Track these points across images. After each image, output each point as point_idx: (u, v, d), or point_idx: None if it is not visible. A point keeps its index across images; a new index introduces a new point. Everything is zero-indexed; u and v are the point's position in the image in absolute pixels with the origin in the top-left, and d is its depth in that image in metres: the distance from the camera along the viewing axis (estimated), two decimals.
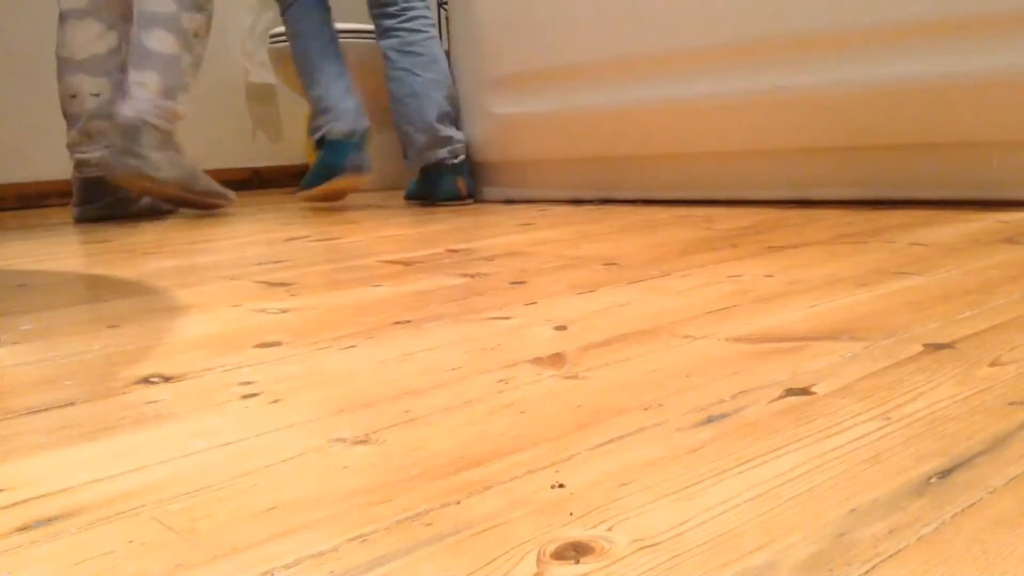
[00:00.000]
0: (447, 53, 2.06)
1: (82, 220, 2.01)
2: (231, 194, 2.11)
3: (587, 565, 0.33)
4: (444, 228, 1.56)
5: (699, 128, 1.73)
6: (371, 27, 2.78)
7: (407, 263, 1.13)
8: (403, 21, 1.96)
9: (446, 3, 2.52)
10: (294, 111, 3.33)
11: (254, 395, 0.57)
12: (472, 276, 1.00)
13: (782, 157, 1.65)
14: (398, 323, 0.77)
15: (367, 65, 2.78)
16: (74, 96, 1.92)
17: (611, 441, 0.46)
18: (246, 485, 0.42)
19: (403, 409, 0.53)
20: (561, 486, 0.40)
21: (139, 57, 1.86)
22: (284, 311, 0.85)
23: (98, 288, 1.06)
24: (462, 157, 2.00)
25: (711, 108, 1.70)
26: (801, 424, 0.47)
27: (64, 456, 0.48)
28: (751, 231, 1.28)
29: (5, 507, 0.41)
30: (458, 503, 0.39)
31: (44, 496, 0.42)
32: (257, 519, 0.39)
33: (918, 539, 0.34)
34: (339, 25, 2.73)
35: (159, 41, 1.87)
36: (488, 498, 0.40)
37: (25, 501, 0.42)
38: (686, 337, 0.67)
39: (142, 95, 1.85)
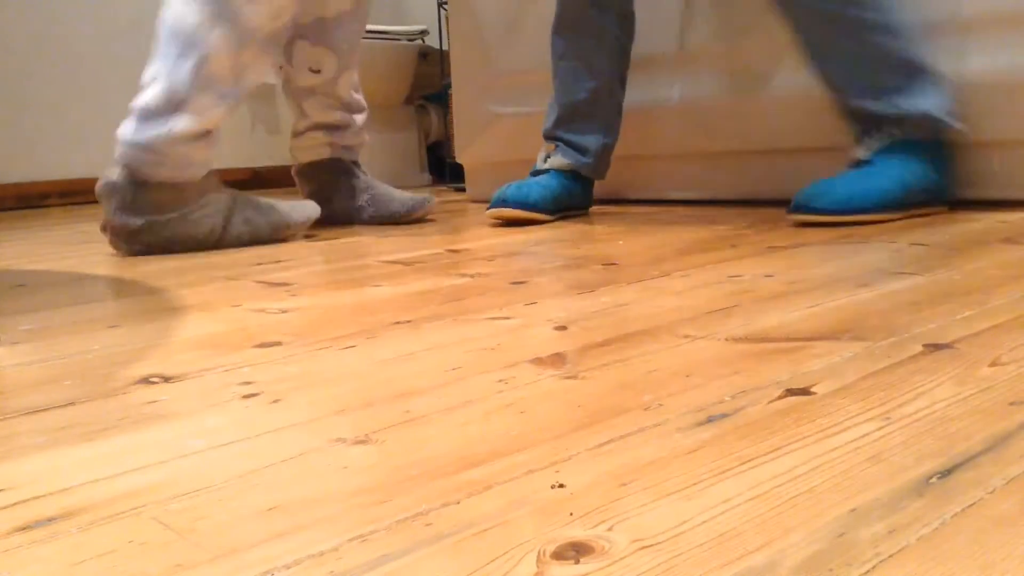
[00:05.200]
0: (447, 53, 2.02)
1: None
2: None
3: (587, 565, 0.33)
4: (444, 228, 1.56)
5: (699, 128, 1.73)
6: (371, 27, 2.78)
7: (407, 263, 1.13)
8: None
9: (446, 3, 2.53)
10: None
11: (254, 395, 0.57)
12: (472, 276, 1.00)
13: (782, 157, 1.65)
14: (398, 323, 0.77)
15: (366, 65, 2.78)
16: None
17: (611, 441, 0.46)
18: (246, 485, 0.42)
19: (403, 409, 0.53)
20: (561, 486, 0.40)
21: None
22: (284, 311, 0.85)
23: (98, 288, 1.06)
24: None
25: (711, 108, 1.70)
26: (801, 424, 0.47)
27: (64, 456, 0.48)
28: (751, 231, 1.28)
29: (5, 507, 0.41)
30: (458, 503, 0.39)
31: (44, 496, 0.42)
32: (257, 519, 0.39)
33: (918, 539, 0.34)
34: None
35: None
36: (488, 498, 0.40)
37: (25, 501, 0.42)
38: (686, 337, 0.67)
39: None
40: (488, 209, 1.56)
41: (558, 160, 1.62)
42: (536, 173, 1.63)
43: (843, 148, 1.56)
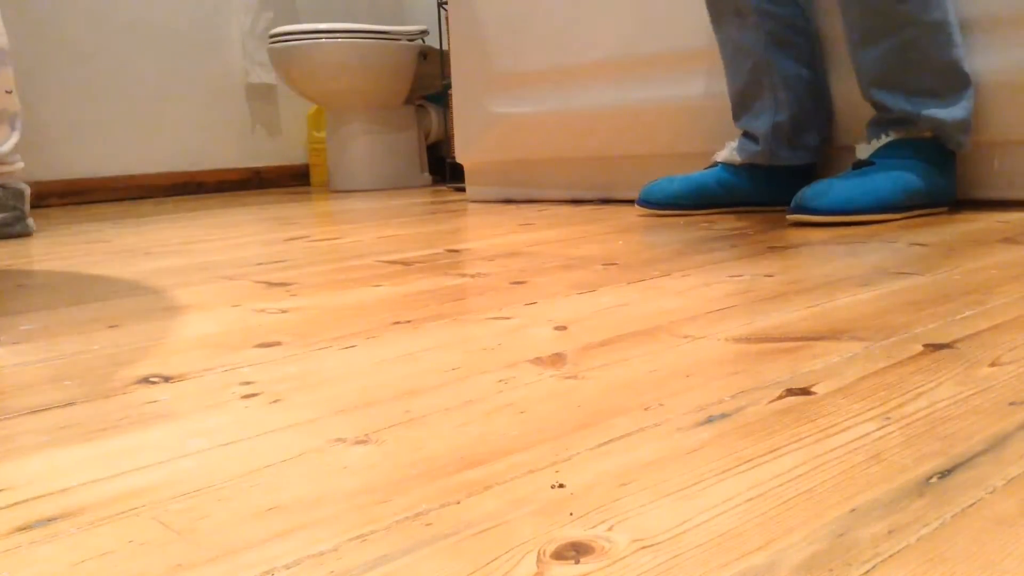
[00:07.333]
0: (447, 53, 2.02)
1: None
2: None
3: (587, 565, 0.33)
4: (444, 228, 1.56)
5: (699, 128, 1.73)
6: (371, 27, 2.79)
7: (407, 263, 1.13)
8: None
9: (446, 3, 2.53)
10: (294, 111, 3.34)
11: (254, 395, 0.57)
12: (472, 276, 1.00)
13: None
14: (398, 323, 0.77)
15: (367, 65, 2.78)
16: None
17: (611, 441, 0.46)
18: (246, 485, 0.42)
19: (403, 409, 0.53)
20: (561, 486, 0.40)
21: None
22: (284, 311, 0.85)
23: (98, 288, 1.06)
24: None
25: (711, 108, 1.70)
26: (801, 424, 0.47)
27: (64, 456, 0.48)
28: (751, 231, 1.28)
29: (5, 507, 0.41)
30: (458, 503, 0.39)
31: (44, 496, 0.42)
32: (257, 519, 0.39)
33: (918, 539, 0.34)
34: (339, 25, 2.73)
35: None
36: (488, 498, 0.40)
37: (25, 501, 0.42)
38: (686, 337, 0.67)
39: None
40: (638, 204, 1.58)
41: (724, 153, 1.55)
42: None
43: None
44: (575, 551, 0.34)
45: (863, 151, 1.37)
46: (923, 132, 1.33)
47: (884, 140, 1.34)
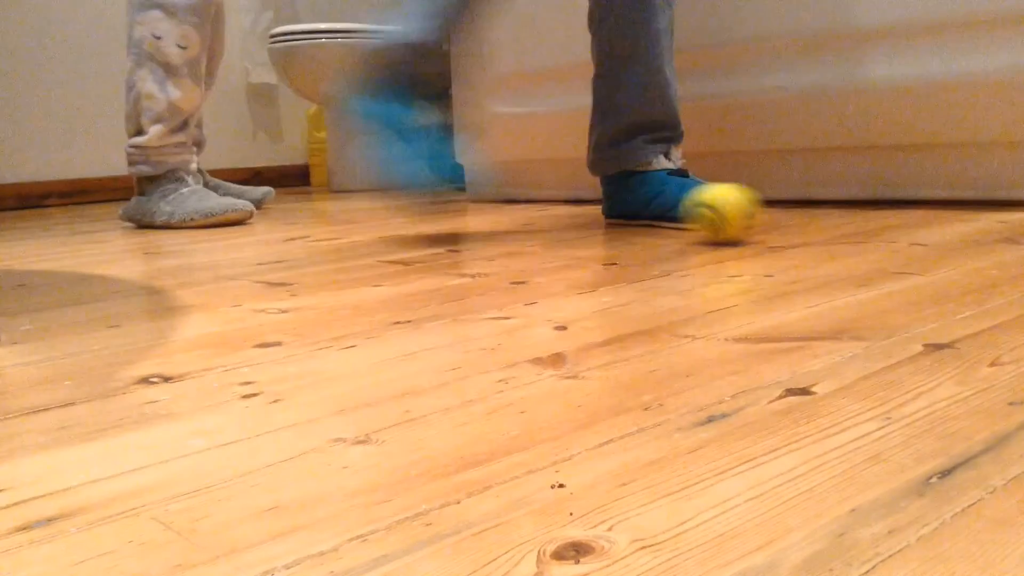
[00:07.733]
0: (447, 53, 2.02)
1: None
2: None
3: (587, 565, 0.33)
4: (444, 229, 1.56)
5: (698, 128, 1.73)
6: (371, 27, 2.78)
7: (407, 263, 1.13)
8: None
9: None
10: (294, 111, 3.34)
11: (254, 395, 0.57)
12: (472, 276, 1.00)
13: (782, 157, 1.65)
14: (398, 323, 0.77)
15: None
16: None
17: (611, 441, 0.46)
18: (246, 485, 0.42)
19: (403, 409, 0.53)
20: (561, 486, 0.40)
21: None
22: (284, 311, 0.85)
23: (98, 288, 1.06)
24: None
25: (711, 108, 1.70)
26: (801, 424, 0.47)
27: (64, 456, 0.48)
28: (751, 231, 1.28)
29: (5, 507, 0.41)
30: (458, 503, 0.39)
31: (44, 496, 0.42)
32: (257, 519, 0.39)
33: (918, 539, 0.34)
34: (339, 25, 2.73)
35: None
36: (488, 498, 0.40)
37: (25, 501, 0.42)
38: (686, 337, 0.67)
39: None
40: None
41: None
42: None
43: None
44: (575, 551, 0.34)
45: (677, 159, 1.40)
46: None
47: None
